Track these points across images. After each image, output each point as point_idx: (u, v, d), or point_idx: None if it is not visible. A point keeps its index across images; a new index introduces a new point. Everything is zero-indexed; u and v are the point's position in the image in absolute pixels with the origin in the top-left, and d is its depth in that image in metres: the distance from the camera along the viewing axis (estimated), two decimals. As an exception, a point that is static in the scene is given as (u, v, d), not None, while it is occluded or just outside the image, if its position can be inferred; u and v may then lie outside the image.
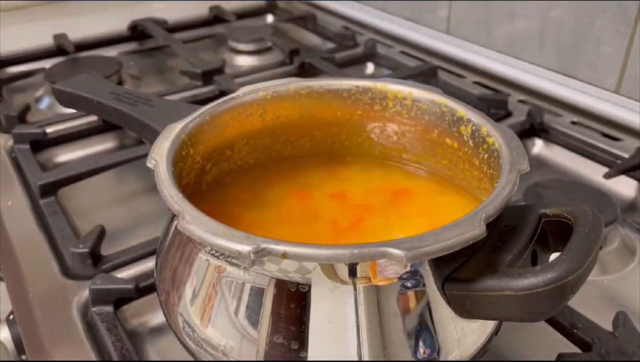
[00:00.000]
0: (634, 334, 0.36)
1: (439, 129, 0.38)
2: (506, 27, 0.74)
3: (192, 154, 0.36)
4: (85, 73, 0.47)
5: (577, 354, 0.35)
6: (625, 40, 0.61)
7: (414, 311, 0.28)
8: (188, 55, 0.78)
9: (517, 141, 0.33)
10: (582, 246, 0.27)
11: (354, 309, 0.27)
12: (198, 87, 0.71)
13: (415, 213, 0.38)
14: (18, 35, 0.85)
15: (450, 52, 0.79)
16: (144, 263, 0.44)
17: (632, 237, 0.47)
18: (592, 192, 0.49)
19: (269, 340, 0.28)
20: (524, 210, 0.31)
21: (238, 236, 0.26)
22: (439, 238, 0.26)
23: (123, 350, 0.37)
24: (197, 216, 0.27)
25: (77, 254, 0.44)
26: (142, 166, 0.32)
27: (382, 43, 0.85)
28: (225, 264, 0.29)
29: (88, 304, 0.40)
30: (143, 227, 0.51)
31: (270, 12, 1.01)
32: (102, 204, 0.54)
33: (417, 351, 0.28)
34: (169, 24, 0.91)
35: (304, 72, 0.75)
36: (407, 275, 0.28)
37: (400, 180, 0.41)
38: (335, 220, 0.37)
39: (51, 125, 0.63)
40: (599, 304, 0.42)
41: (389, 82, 0.40)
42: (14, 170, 0.56)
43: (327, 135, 0.42)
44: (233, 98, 0.39)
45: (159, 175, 0.31)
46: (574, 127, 0.62)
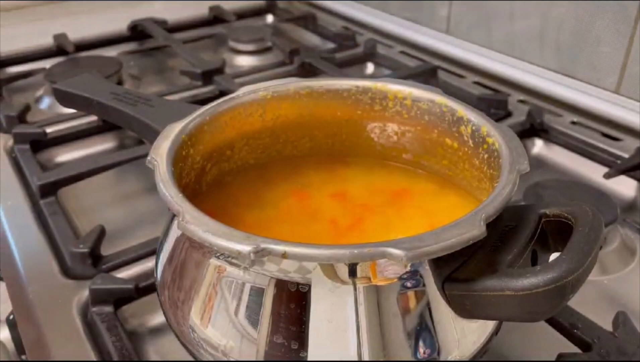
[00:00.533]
0: (634, 334, 0.36)
1: (439, 129, 0.38)
2: (506, 27, 0.74)
3: (192, 154, 0.36)
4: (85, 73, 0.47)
5: (577, 354, 0.35)
6: (625, 40, 0.61)
7: (414, 311, 0.28)
8: (188, 55, 0.78)
9: (517, 141, 0.33)
10: (582, 246, 0.27)
11: (354, 309, 0.27)
12: (198, 87, 0.71)
13: (415, 213, 0.38)
14: (18, 35, 0.85)
15: (450, 52, 0.79)
16: (144, 263, 0.44)
17: (632, 237, 0.47)
18: (592, 192, 0.49)
19: (269, 340, 0.28)
20: (524, 210, 0.31)
21: (238, 236, 0.26)
22: (439, 238, 0.26)
23: (123, 350, 0.37)
24: (197, 216, 0.27)
25: (77, 254, 0.44)
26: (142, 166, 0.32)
27: (382, 43, 0.85)
28: (225, 264, 0.29)
29: (88, 304, 0.40)
30: (143, 227, 0.51)
31: (270, 12, 1.01)
32: (102, 204, 0.54)
33: (417, 351, 0.28)
34: (169, 24, 0.91)
35: (304, 72, 0.75)
36: (407, 275, 0.28)
37: (401, 180, 0.41)
38: (335, 220, 0.37)
39: (51, 125, 0.63)
40: (599, 304, 0.42)
41: (389, 82, 0.40)
42: (14, 170, 0.56)
43: (327, 135, 0.42)
44: (233, 98, 0.39)
45: (159, 176, 0.31)
46: (574, 127, 0.62)
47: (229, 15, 0.95)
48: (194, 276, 0.30)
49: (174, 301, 0.32)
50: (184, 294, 0.31)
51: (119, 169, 0.56)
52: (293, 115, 0.41)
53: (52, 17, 0.94)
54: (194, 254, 0.31)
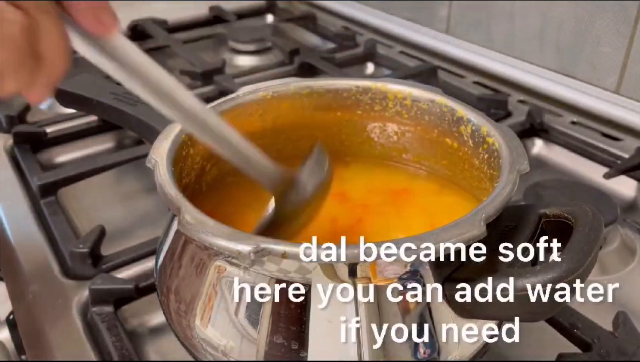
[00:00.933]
0: (634, 334, 0.36)
1: (439, 129, 0.38)
2: (506, 27, 0.74)
3: (192, 154, 0.36)
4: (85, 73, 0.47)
5: (577, 354, 0.35)
6: (625, 40, 0.61)
7: (414, 311, 0.28)
8: (188, 55, 0.78)
9: (517, 141, 0.33)
10: (582, 246, 0.27)
11: (354, 309, 0.27)
12: (198, 87, 0.71)
13: (415, 213, 0.38)
14: (18, 35, 0.85)
15: (450, 52, 0.79)
16: (144, 263, 0.44)
17: (632, 237, 0.47)
18: (592, 192, 0.49)
19: (269, 340, 0.28)
20: (524, 210, 0.31)
21: (238, 236, 0.26)
22: (439, 238, 0.26)
23: (123, 350, 0.37)
24: (197, 216, 0.27)
25: (77, 254, 0.44)
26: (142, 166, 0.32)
27: (382, 43, 0.85)
28: (225, 264, 0.29)
29: (88, 304, 0.40)
30: (143, 227, 0.51)
31: (270, 12, 1.01)
32: (102, 204, 0.54)
33: (417, 351, 0.28)
34: (169, 24, 0.91)
35: (304, 72, 0.75)
36: (407, 275, 0.28)
37: (401, 180, 0.41)
38: (336, 220, 0.37)
39: (51, 125, 0.63)
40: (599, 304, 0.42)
41: (389, 82, 0.40)
42: (14, 170, 0.56)
43: (327, 135, 0.42)
44: (233, 98, 0.39)
45: (159, 176, 0.31)
46: (574, 127, 0.62)
47: (229, 15, 0.95)
48: (194, 276, 0.30)
49: (174, 301, 0.32)
50: (184, 294, 0.31)
51: (118, 169, 0.56)
52: (293, 115, 0.41)
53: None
54: (194, 254, 0.31)
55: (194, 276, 0.30)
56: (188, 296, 0.31)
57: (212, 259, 0.29)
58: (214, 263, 0.29)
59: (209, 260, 0.30)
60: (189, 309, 0.30)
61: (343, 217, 0.37)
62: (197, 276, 0.30)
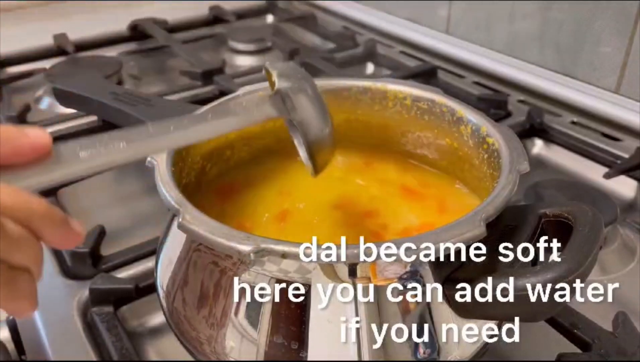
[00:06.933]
0: (634, 334, 0.36)
1: (439, 129, 0.39)
2: (506, 27, 0.74)
3: (192, 154, 0.36)
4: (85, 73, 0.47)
5: (577, 354, 0.35)
6: (625, 40, 0.61)
7: (414, 311, 0.28)
8: (188, 55, 0.78)
9: (517, 141, 0.33)
10: (582, 246, 0.27)
11: (354, 309, 0.27)
12: (198, 87, 0.71)
13: (414, 213, 0.38)
14: (18, 35, 0.85)
15: (450, 52, 0.79)
16: (144, 263, 0.44)
17: (632, 237, 0.47)
18: (592, 192, 0.49)
19: (269, 340, 0.28)
20: (524, 210, 0.31)
21: (238, 236, 0.26)
22: (439, 238, 0.26)
23: (123, 350, 0.37)
24: (197, 216, 0.27)
25: (77, 254, 0.44)
26: (142, 166, 0.32)
27: (382, 43, 0.85)
28: (225, 264, 0.29)
29: (88, 304, 0.40)
30: (143, 227, 0.51)
31: (270, 12, 1.01)
32: (102, 204, 0.54)
33: (417, 351, 0.28)
34: (169, 24, 0.91)
35: (304, 72, 0.75)
36: (407, 275, 0.28)
37: (400, 180, 0.41)
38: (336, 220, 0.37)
39: (51, 125, 0.63)
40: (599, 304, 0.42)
41: (389, 82, 0.40)
42: (14, 170, 0.56)
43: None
44: (233, 98, 0.39)
45: (158, 176, 0.31)
46: (574, 127, 0.62)
47: (229, 15, 0.95)
48: (194, 276, 0.30)
49: (174, 300, 0.32)
50: (184, 294, 0.31)
51: (119, 169, 0.56)
52: (293, 115, 0.41)
53: (52, 17, 0.94)
54: (194, 254, 0.31)
55: (193, 276, 0.30)
56: (188, 296, 0.31)
57: (212, 259, 0.29)
58: (214, 263, 0.29)
59: (209, 260, 0.30)
60: (189, 309, 0.30)
61: (343, 216, 0.37)
62: (197, 276, 0.30)
